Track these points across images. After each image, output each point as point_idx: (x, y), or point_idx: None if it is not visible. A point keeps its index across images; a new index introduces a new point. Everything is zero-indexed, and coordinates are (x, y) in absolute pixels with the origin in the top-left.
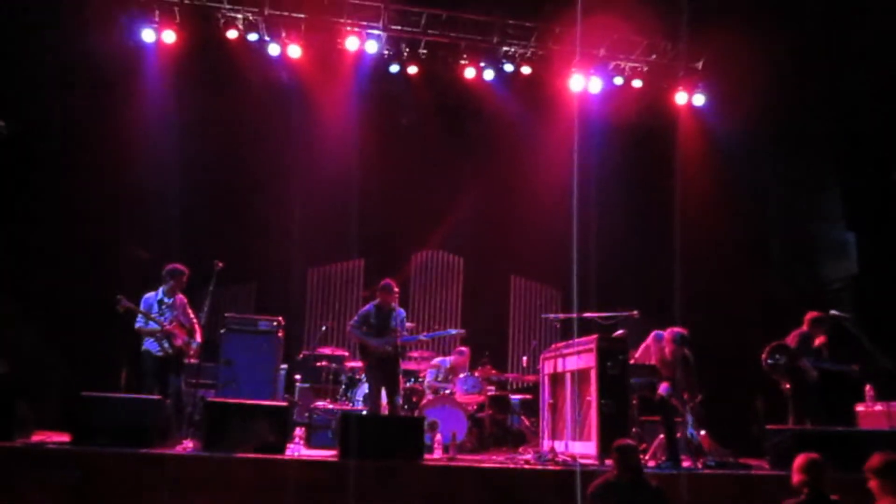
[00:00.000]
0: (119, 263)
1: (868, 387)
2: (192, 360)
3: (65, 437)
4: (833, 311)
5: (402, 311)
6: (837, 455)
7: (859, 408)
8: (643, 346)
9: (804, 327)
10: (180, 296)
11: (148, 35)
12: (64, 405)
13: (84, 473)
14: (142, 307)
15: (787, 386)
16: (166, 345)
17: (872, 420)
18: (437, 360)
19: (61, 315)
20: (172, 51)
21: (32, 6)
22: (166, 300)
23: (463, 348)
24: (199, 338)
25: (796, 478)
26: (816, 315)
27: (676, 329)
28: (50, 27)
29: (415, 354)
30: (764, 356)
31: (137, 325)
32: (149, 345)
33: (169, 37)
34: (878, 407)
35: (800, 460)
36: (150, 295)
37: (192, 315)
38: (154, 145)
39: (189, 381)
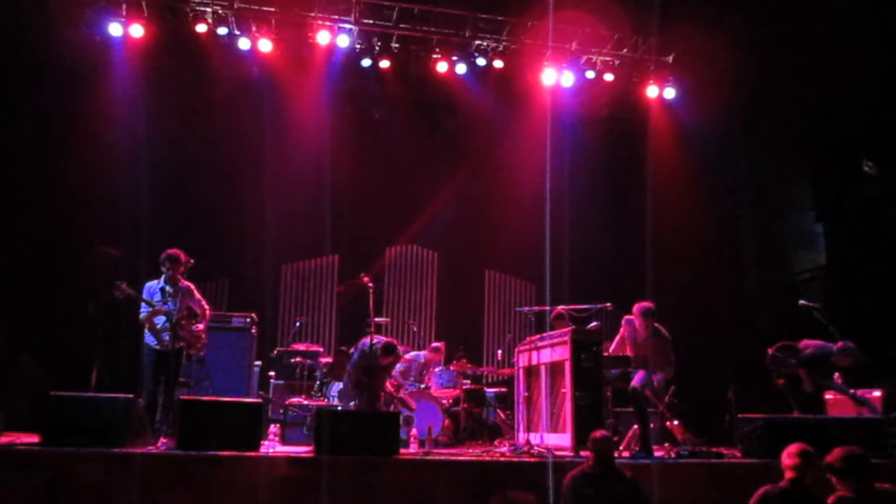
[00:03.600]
0: (88, 261)
1: (836, 375)
2: (201, 353)
3: (34, 438)
4: (802, 301)
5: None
6: (807, 442)
7: (828, 396)
8: (617, 337)
9: (836, 346)
10: (185, 282)
11: (115, 29)
12: (33, 406)
13: (54, 474)
14: (144, 296)
15: (781, 381)
16: (166, 338)
17: (841, 408)
18: (410, 354)
19: (30, 314)
20: (140, 45)
21: None
22: (168, 288)
23: (438, 344)
24: (202, 324)
25: (785, 461)
26: (848, 345)
27: (643, 303)
28: (14, 21)
29: None
30: (771, 350)
31: (142, 315)
32: (148, 339)
33: (137, 31)
34: None
35: (794, 446)
36: (151, 283)
37: (202, 301)
38: (123, 141)
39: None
